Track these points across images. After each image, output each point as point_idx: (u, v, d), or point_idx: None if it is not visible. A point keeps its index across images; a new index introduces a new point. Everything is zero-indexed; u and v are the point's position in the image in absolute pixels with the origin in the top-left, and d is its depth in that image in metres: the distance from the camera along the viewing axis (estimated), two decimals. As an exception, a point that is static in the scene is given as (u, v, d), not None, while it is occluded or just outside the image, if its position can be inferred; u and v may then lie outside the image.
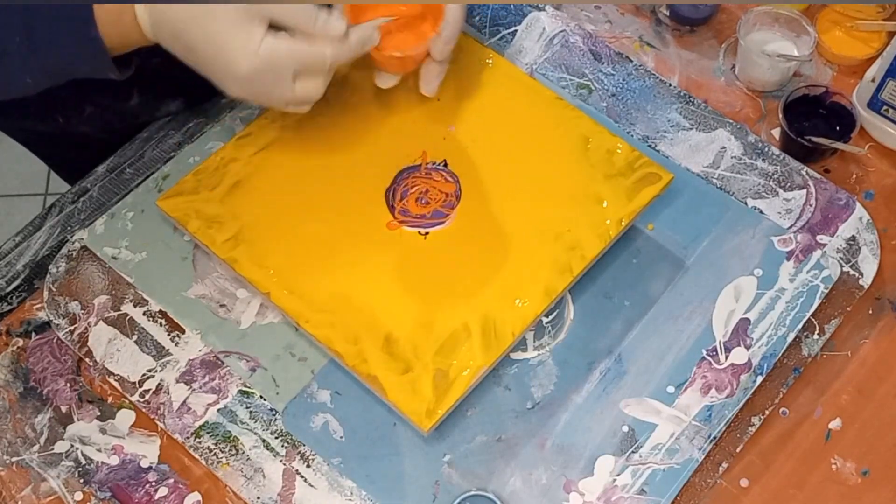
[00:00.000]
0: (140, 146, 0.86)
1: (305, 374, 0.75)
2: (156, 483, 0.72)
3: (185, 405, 0.74)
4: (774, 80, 0.88)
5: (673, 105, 0.87)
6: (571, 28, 0.91)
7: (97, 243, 0.81)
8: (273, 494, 0.71)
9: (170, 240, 0.81)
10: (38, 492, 0.72)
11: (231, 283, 0.79)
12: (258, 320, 0.77)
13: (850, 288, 0.79)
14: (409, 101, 0.83)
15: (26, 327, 0.79)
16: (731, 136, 0.85)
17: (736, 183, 0.83)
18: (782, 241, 0.80)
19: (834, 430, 0.74)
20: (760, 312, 0.77)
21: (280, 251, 0.76)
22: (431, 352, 0.72)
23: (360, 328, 0.73)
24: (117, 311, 0.78)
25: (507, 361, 0.75)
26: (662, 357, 0.75)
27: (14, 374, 0.77)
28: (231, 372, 0.75)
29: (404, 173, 0.80)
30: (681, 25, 0.92)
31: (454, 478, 0.71)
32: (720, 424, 0.72)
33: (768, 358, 0.75)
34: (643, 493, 0.70)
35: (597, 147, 0.81)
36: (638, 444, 0.72)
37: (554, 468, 0.71)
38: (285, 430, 0.73)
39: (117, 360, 0.76)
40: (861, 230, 0.81)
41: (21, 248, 0.82)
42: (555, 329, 0.77)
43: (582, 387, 0.74)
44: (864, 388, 0.76)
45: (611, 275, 0.79)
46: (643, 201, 0.78)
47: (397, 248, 0.77)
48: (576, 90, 0.88)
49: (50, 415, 0.75)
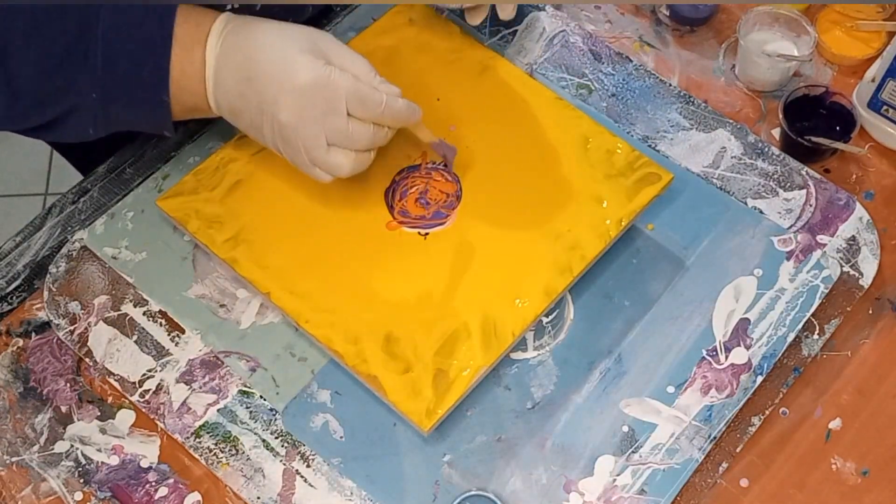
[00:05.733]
0: (140, 146, 0.86)
1: (305, 374, 0.75)
2: (156, 483, 0.72)
3: (185, 405, 0.74)
4: (774, 80, 0.88)
5: (673, 105, 0.87)
6: (571, 28, 0.91)
7: (97, 243, 0.81)
8: (273, 494, 0.71)
9: (170, 240, 0.81)
10: (38, 492, 0.72)
11: (231, 283, 0.79)
12: (258, 320, 0.77)
13: (850, 288, 0.79)
14: (410, 101, 0.83)
15: (26, 327, 0.79)
16: (731, 136, 0.85)
17: (736, 183, 0.83)
18: (782, 241, 0.80)
19: (834, 430, 0.74)
20: (760, 312, 0.77)
21: (280, 251, 0.76)
22: (431, 352, 0.72)
23: (360, 328, 0.73)
24: (117, 311, 0.78)
25: (507, 361, 0.75)
26: (662, 357, 0.75)
27: (14, 374, 0.77)
28: (231, 372, 0.75)
29: (404, 173, 0.80)
30: (681, 25, 0.92)
31: (454, 478, 0.71)
32: (720, 424, 0.72)
33: (768, 358, 0.75)
34: (643, 493, 0.70)
35: (597, 147, 0.81)
36: (638, 444, 0.72)
37: (554, 468, 0.71)
38: (285, 430, 0.73)
39: (117, 360, 0.76)
40: (861, 230, 0.81)
41: (21, 248, 0.82)
42: (555, 329, 0.77)
43: (582, 387, 0.74)
44: (864, 388, 0.76)
45: (611, 275, 0.79)
46: (643, 201, 0.78)
47: (397, 247, 0.77)
48: (576, 90, 0.88)
49: (50, 415, 0.75)
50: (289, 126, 0.69)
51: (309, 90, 0.68)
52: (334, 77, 0.68)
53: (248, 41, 0.70)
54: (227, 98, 0.71)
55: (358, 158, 0.71)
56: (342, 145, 0.70)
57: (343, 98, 0.68)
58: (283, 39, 0.69)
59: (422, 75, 0.85)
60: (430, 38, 0.87)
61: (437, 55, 0.86)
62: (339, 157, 0.70)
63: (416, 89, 0.82)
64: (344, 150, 0.70)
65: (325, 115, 0.68)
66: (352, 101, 0.68)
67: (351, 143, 0.70)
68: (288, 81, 0.68)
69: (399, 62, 0.85)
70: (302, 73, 0.68)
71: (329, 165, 0.71)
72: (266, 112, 0.69)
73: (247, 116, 0.71)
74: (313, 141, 0.69)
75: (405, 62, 0.85)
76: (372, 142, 0.71)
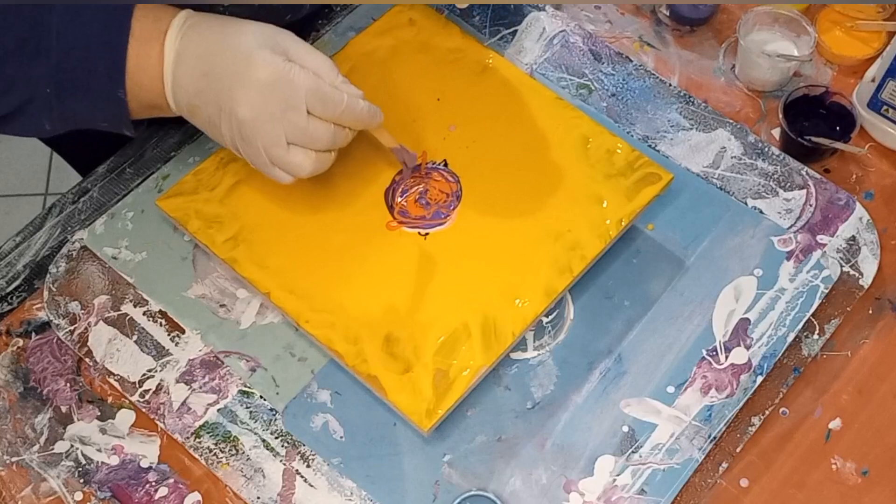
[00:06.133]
0: (140, 146, 0.86)
1: (305, 374, 0.75)
2: (156, 483, 0.72)
3: (185, 405, 0.74)
4: (774, 80, 0.88)
5: (673, 105, 0.87)
6: (571, 28, 0.91)
7: (97, 243, 0.81)
8: (273, 494, 0.71)
9: (170, 240, 0.81)
10: (38, 492, 0.72)
11: (231, 283, 0.79)
12: (258, 320, 0.77)
13: (850, 288, 0.79)
14: (410, 101, 0.83)
15: (26, 327, 0.79)
16: (731, 136, 0.85)
17: (736, 183, 0.83)
18: (782, 241, 0.80)
19: (834, 430, 0.74)
20: (760, 312, 0.77)
21: (280, 251, 0.76)
22: (431, 352, 0.72)
23: (360, 328, 0.73)
24: (117, 311, 0.78)
25: (507, 361, 0.75)
26: (662, 357, 0.75)
27: (14, 374, 0.77)
28: (231, 372, 0.75)
29: (404, 173, 0.80)
30: (681, 25, 0.92)
31: (454, 478, 0.71)
32: (720, 424, 0.72)
33: (768, 358, 0.75)
34: (643, 493, 0.70)
35: (597, 147, 0.81)
36: (638, 444, 0.72)
37: (554, 468, 0.71)
38: (285, 430, 0.73)
39: (117, 360, 0.76)
40: (861, 230, 0.81)
41: (21, 248, 0.82)
42: (555, 329, 0.77)
43: (582, 387, 0.74)
44: (864, 388, 0.76)
45: (611, 275, 0.79)
46: (643, 201, 0.78)
47: (397, 247, 0.77)
48: (576, 90, 0.88)
49: (50, 415, 0.75)
50: (247, 123, 0.68)
51: (267, 86, 0.66)
52: (294, 74, 0.67)
53: (208, 37, 0.68)
54: (186, 95, 0.70)
55: (318, 159, 0.70)
56: (302, 144, 0.69)
57: (303, 95, 0.67)
58: (243, 35, 0.68)
59: (422, 75, 0.85)
60: (430, 38, 0.87)
61: (437, 55, 0.86)
62: (300, 156, 0.69)
63: (416, 89, 0.82)
64: (304, 149, 0.69)
65: (284, 112, 0.67)
66: (311, 99, 0.67)
67: (311, 143, 0.69)
68: (246, 77, 0.67)
69: (399, 62, 0.85)
70: (261, 68, 0.66)
71: (289, 165, 0.69)
72: (224, 109, 0.68)
73: (204, 114, 0.70)
74: (273, 139, 0.68)
75: (405, 62, 0.85)
76: (333, 142, 0.70)
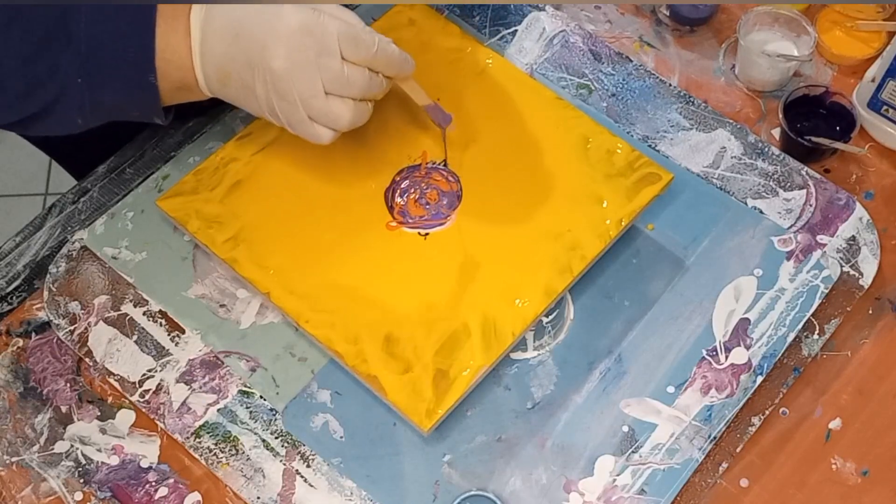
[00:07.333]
0: (140, 146, 0.86)
1: (305, 374, 0.75)
2: (156, 483, 0.72)
3: (185, 405, 0.74)
4: (774, 80, 0.88)
5: (673, 105, 0.87)
6: (571, 28, 0.91)
7: (97, 243, 0.81)
8: (273, 494, 0.71)
9: (170, 240, 0.81)
10: (38, 492, 0.72)
11: (231, 283, 0.79)
12: (258, 320, 0.77)
13: (850, 288, 0.79)
14: (410, 101, 0.83)
15: (26, 327, 0.79)
16: (731, 136, 0.85)
17: (736, 183, 0.83)
18: (782, 241, 0.80)
19: (834, 430, 0.74)
20: (760, 312, 0.77)
21: (280, 251, 0.76)
22: (431, 352, 0.72)
23: (360, 328, 0.73)
24: (117, 311, 0.78)
25: (507, 361, 0.75)
26: (662, 357, 0.75)
27: (14, 374, 0.77)
28: (231, 372, 0.75)
29: (404, 173, 0.80)
30: (681, 25, 0.92)
31: (454, 478, 0.71)
32: (720, 424, 0.72)
33: (768, 358, 0.75)
34: (643, 493, 0.70)
35: (597, 147, 0.81)
36: (638, 444, 0.72)
37: (554, 468, 0.71)
38: (285, 430, 0.73)
39: (117, 360, 0.76)
40: (861, 230, 0.81)
41: (21, 248, 0.82)
42: (555, 329, 0.77)
43: (582, 387, 0.74)
44: (864, 388, 0.76)
45: (611, 275, 0.79)
46: (643, 201, 0.78)
47: (397, 247, 0.77)
48: (576, 90, 0.88)
49: (50, 415, 0.75)
50: (283, 75, 0.67)
51: (299, 33, 0.66)
52: (324, 19, 0.67)
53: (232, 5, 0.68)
54: (215, 63, 0.69)
55: (357, 108, 0.70)
56: (339, 92, 0.69)
57: (336, 39, 0.67)
58: None
59: (422, 75, 0.85)
60: (430, 38, 0.87)
61: (437, 55, 0.86)
62: (338, 105, 0.69)
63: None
64: (342, 98, 0.69)
65: (319, 57, 0.67)
66: (344, 42, 0.67)
67: (348, 88, 0.69)
68: (278, 28, 0.66)
69: (399, 62, 0.85)
70: (292, 17, 0.66)
71: (328, 116, 0.69)
72: (257, 67, 0.68)
73: (237, 78, 0.69)
74: (310, 88, 0.68)
75: (405, 62, 0.85)
76: (368, 88, 0.70)
